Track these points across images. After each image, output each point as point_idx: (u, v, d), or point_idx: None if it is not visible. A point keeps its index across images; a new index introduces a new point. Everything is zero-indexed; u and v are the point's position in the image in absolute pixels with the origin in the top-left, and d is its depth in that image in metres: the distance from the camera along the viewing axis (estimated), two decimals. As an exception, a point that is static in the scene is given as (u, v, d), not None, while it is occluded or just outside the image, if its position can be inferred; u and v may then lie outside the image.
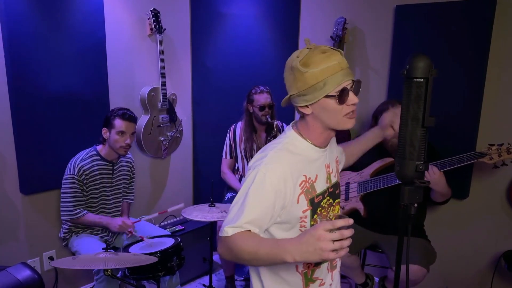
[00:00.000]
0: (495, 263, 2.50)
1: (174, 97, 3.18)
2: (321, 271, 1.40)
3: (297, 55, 1.25)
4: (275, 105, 2.86)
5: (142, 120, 3.00)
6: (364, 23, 2.84)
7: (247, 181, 1.26)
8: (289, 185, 1.25)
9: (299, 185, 1.28)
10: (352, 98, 1.24)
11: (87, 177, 2.47)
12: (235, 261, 1.32)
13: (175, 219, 3.18)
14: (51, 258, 2.71)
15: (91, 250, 2.34)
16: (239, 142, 2.98)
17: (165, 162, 3.38)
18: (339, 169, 1.53)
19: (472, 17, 2.37)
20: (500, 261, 2.48)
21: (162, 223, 3.11)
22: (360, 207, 2.41)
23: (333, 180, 1.43)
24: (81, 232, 2.56)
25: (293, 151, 1.31)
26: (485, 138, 2.38)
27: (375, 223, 2.41)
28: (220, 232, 1.27)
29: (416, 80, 1.08)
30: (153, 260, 1.98)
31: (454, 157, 2.14)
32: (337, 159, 1.52)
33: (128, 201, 2.82)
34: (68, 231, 2.54)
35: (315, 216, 1.32)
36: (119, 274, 2.40)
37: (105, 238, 2.61)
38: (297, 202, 1.28)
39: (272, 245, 1.17)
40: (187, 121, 3.47)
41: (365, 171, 2.42)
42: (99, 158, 2.54)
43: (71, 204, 2.44)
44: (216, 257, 3.26)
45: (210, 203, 2.64)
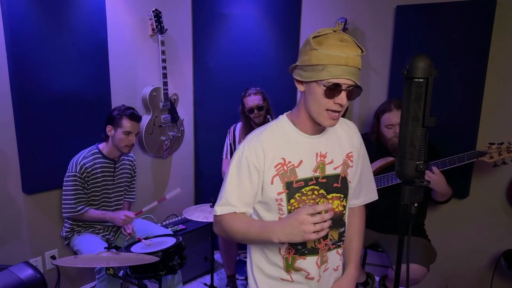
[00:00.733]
0: (495, 262, 2.51)
1: (175, 97, 3.19)
2: (307, 263, 1.38)
3: (319, 30, 1.22)
4: (272, 104, 2.86)
5: (144, 120, 3.01)
6: (364, 24, 2.84)
7: (231, 161, 1.36)
8: (263, 164, 1.31)
9: (274, 167, 1.31)
10: (341, 97, 1.20)
11: (89, 174, 2.48)
12: (230, 239, 1.47)
13: (177, 219, 3.19)
14: (53, 257, 2.72)
15: (92, 248, 2.35)
16: (238, 142, 2.99)
17: (166, 162, 3.39)
18: (351, 165, 1.42)
19: (472, 18, 2.37)
20: (500, 260, 2.49)
21: (163, 222, 3.12)
22: (360, 206, 2.42)
23: (330, 171, 1.37)
24: (83, 231, 2.57)
25: (275, 133, 1.35)
26: (485, 137, 2.39)
27: (375, 222, 2.41)
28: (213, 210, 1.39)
29: (416, 80, 1.09)
30: (155, 259, 1.99)
31: (454, 156, 2.15)
32: (350, 154, 1.42)
33: (129, 200, 2.83)
34: (70, 230, 2.55)
35: (292, 200, 1.33)
36: (120, 273, 2.41)
37: (107, 237, 2.62)
38: (271, 183, 1.32)
39: (260, 227, 1.29)
40: (189, 121, 3.48)
41: (365, 170, 2.43)
42: (101, 156, 2.55)
43: (73, 201, 2.45)
44: (217, 256, 3.27)
45: (211, 204, 2.65)
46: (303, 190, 1.34)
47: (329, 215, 1.16)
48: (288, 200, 1.33)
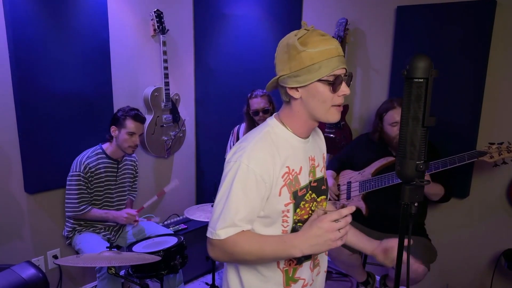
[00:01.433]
0: (495, 262, 2.52)
1: (177, 97, 3.20)
2: (302, 271, 1.31)
3: (295, 33, 1.18)
4: (276, 107, 2.86)
5: (145, 120, 3.03)
6: (365, 24, 2.85)
7: (229, 175, 1.19)
8: (272, 176, 1.18)
9: (282, 177, 1.21)
10: (344, 88, 1.19)
11: (93, 174, 2.50)
12: (231, 262, 1.30)
13: (178, 218, 3.20)
14: (55, 256, 2.74)
15: (93, 248, 2.36)
16: None
17: (168, 161, 3.40)
18: (324, 165, 1.43)
19: (472, 18, 2.38)
20: (500, 259, 2.50)
21: (165, 222, 3.13)
22: (362, 206, 2.43)
23: (318, 174, 1.34)
24: (84, 230, 2.58)
25: (275, 140, 1.23)
26: (485, 137, 2.40)
27: (376, 221, 2.43)
28: (208, 233, 1.22)
29: (416, 80, 1.09)
30: (157, 258, 2.00)
31: (454, 156, 2.16)
32: (324, 154, 1.43)
33: (131, 198, 2.85)
34: (71, 229, 2.57)
35: (298, 210, 1.24)
36: (122, 272, 2.42)
37: (108, 236, 2.63)
38: (279, 194, 1.20)
39: (277, 242, 1.17)
40: (190, 121, 3.49)
41: (366, 170, 2.44)
42: (104, 156, 2.56)
43: (77, 200, 2.46)
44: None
45: (213, 204, 2.65)
46: (306, 197, 1.27)
47: (351, 218, 1.13)
48: (294, 210, 1.24)
